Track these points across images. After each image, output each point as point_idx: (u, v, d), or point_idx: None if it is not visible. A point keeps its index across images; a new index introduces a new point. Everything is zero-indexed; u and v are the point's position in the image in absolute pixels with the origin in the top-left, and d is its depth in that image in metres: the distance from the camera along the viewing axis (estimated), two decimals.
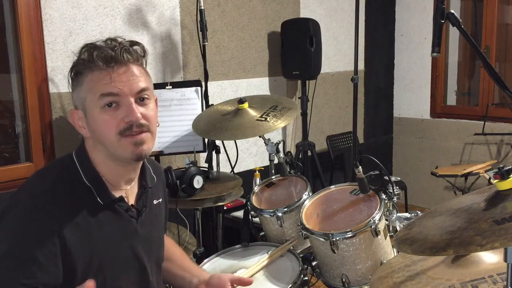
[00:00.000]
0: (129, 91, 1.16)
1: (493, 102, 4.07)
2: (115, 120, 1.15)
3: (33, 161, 2.41)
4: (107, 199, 1.21)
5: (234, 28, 3.32)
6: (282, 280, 1.57)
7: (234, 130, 2.01)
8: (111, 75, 1.14)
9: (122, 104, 1.16)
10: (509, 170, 1.00)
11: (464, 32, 1.44)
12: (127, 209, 1.26)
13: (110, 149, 1.19)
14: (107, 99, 1.15)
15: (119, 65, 1.16)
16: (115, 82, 1.14)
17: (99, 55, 1.14)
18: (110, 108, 1.15)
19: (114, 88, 1.14)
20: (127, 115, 1.15)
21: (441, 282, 1.15)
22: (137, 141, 1.17)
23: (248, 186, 2.41)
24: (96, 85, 1.15)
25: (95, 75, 1.15)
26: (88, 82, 1.16)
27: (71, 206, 1.14)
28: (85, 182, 1.19)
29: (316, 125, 3.98)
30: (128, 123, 1.15)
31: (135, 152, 1.18)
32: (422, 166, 4.56)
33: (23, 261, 1.05)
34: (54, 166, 1.25)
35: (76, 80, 1.19)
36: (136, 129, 1.16)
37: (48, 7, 2.40)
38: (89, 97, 1.17)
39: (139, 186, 1.33)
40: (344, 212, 1.71)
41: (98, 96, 1.15)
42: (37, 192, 1.14)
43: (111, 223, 1.21)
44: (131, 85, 1.16)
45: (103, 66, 1.14)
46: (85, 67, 1.16)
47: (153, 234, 1.36)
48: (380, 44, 4.61)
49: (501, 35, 4.11)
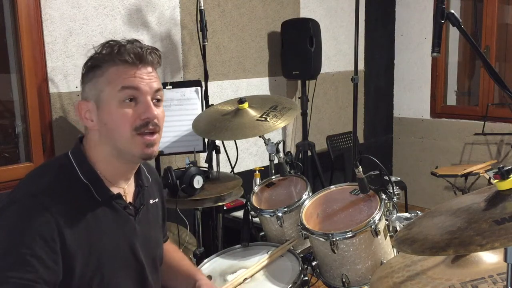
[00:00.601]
0: (149, 89, 1.20)
1: (493, 102, 4.07)
2: (132, 115, 1.18)
3: (33, 161, 2.41)
4: (105, 195, 1.21)
5: (234, 28, 3.32)
6: (282, 280, 1.56)
7: (234, 130, 2.01)
8: (136, 71, 1.18)
9: (140, 101, 1.19)
10: (509, 170, 1.00)
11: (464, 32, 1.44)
12: (125, 207, 1.26)
13: (119, 145, 1.20)
14: (128, 92, 1.17)
15: (144, 63, 1.20)
16: (139, 77, 1.18)
17: (129, 50, 1.18)
18: (129, 103, 1.18)
19: (137, 83, 1.18)
20: (145, 111, 1.18)
21: (441, 282, 1.15)
22: (149, 142, 1.20)
23: (248, 186, 2.41)
24: (119, 78, 1.18)
25: (120, 69, 1.18)
26: (109, 74, 1.18)
27: (69, 203, 1.14)
28: (82, 179, 1.20)
29: (316, 125, 3.99)
30: (144, 120, 1.18)
31: (145, 152, 1.21)
32: (422, 166, 4.56)
33: (23, 257, 1.05)
34: (50, 164, 1.25)
35: (93, 73, 1.21)
36: (151, 127, 1.20)
37: (48, 7, 2.40)
38: (107, 89, 1.18)
39: (136, 185, 1.33)
40: (344, 212, 1.71)
41: (119, 88, 1.17)
42: (34, 190, 1.14)
43: (109, 220, 1.22)
44: (151, 83, 1.20)
45: (131, 61, 1.18)
46: (107, 60, 1.19)
47: (151, 233, 1.37)
48: (380, 44, 4.61)
49: (501, 35, 4.11)
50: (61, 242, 1.10)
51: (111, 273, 1.20)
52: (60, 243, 1.10)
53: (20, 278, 1.03)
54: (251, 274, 1.60)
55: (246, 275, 1.58)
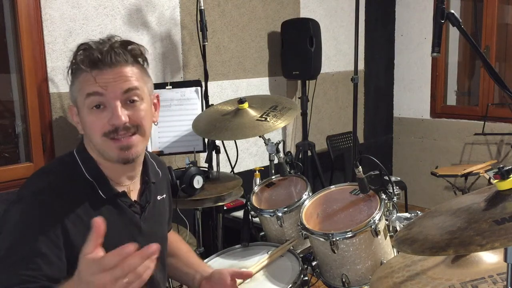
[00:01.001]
0: (114, 92, 1.15)
1: (493, 102, 4.07)
2: (100, 121, 1.16)
3: (33, 161, 2.41)
4: (110, 193, 1.21)
5: (234, 28, 3.32)
6: (282, 280, 1.56)
7: (234, 130, 2.01)
8: (95, 77, 1.15)
9: (108, 106, 1.16)
10: (509, 170, 1.00)
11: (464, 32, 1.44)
12: (130, 205, 1.26)
13: (98, 150, 1.20)
14: (92, 99, 1.16)
15: (105, 67, 1.15)
16: (99, 82, 1.15)
17: (85, 59, 1.15)
18: (97, 110, 1.16)
19: (98, 88, 1.15)
20: (112, 118, 1.15)
21: (441, 282, 1.15)
22: (122, 145, 1.17)
23: (248, 186, 2.41)
24: (83, 85, 1.17)
25: (82, 76, 1.17)
26: (79, 81, 1.18)
27: (73, 201, 1.15)
28: (87, 177, 1.20)
29: (316, 125, 3.99)
30: (112, 126, 1.16)
31: (121, 156, 1.18)
32: (422, 166, 4.56)
33: (27, 254, 1.05)
34: (56, 163, 1.26)
35: (71, 78, 1.21)
36: (122, 132, 1.16)
37: (48, 7, 2.40)
38: (79, 96, 1.19)
39: (142, 182, 1.33)
40: (344, 212, 1.71)
41: (85, 95, 1.16)
42: (39, 188, 1.14)
43: (114, 218, 1.22)
44: (116, 85, 1.15)
45: (87, 69, 1.15)
46: (76, 67, 1.18)
47: (157, 230, 1.36)
48: (380, 44, 4.61)
49: (501, 35, 4.11)
50: (64, 238, 1.10)
51: None
52: (64, 239, 1.10)
53: (23, 275, 1.03)
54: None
55: None
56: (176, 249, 1.54)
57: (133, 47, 1.20)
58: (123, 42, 1.19)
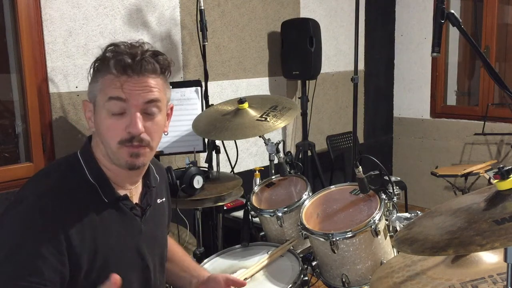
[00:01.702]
0: (136, 101, 1.15)
1: (493, 102, 4.07)
2: (118, 127, 1.16)
3: (33, 161, 2.41)
4: (112, 197, 1.21)
5: (234, 28, 3.32)
6: (282, 280, 1.57)
7: (234, 130, 2.01)
8: (122, 82, 1.14)
9: (128, 114, 1.16)
10: (509, 170, 1.00)
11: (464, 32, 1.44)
12: (132, 208, 1.26)
13: (108, 153, 1.20)
14: (113, 103, 1.15)
15: (134, 74, 1.15)
16: (124, 88, 1.14)
17: (117, 62, 1.14)
18: (116, 115, 1.16)
19: (122, 94, 1.14)
20: (130, 125, 1.15)
21: (441, 282, 1.15)
22: (133, 152, 1.18)
23: (248, 186, 2.41)
24: (108, 87, 1.16)
25: (108, 78, 1.16)
26: (103, 82, 1.17)
27: (76, 204, 1.14)
28: (90, 179, 1.20)
29: (316, 125, 3.98)
30: (129, 134, 1.16)
31: (129, 162, 1.18)
32: (422, 166, 4.56)
33: (29, 258, 1.05)
34: (59, 164, 1.25)
35: (94, 75, 1.20)
36: (136, 143, 1.17)
37: (48, 7, 2.40)
38: (99, 97, 1.18)
39: (143, 185, 1.33)
40: (344, 212, 1.71)
41: (106, 98, 1.15)
42: (42, 190, 1.14)
43: (115, 221, 1.21)
44: (139, 95, 1.16)
45: (117, 73, 1.15)
46: (104, 66, 1.17)
47: (157, 233, 1.36)
48: (380, 44, 4.61)
49: (501, 35, 4.11)
50: (67, 243, 1.09)
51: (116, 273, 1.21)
52: (66, 244, 1.09)
53: (26, 281, 1.02)
54: (251, 274, 1.60)
55: (246, 275, 1.58)
56: (172, 253, 1.53)
57: (163, 58, 1.20)
58: (154, 52, 1.20)
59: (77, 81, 2.53)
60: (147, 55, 1.17)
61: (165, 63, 1.21)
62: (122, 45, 1.17)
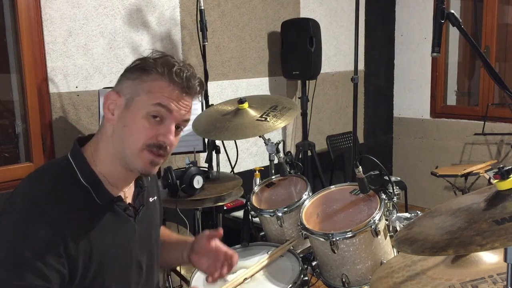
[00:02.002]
0: (179, 116, 1.21)
1: (493, 102, 4.07)
2: (151, 131, 1.18)
3: (33, 161, 2.41)
4: (106, 199, 1.21)
5: (234, 28, 3.32)
6: (282, 280, 1.56)
7: (234, 130, 2.01)
8: (179, 97, 1.20)
9: (165, 123, 1.19)
10: (509, 170, 1.00)
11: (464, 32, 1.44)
12: (125, 208, 1.26)
13: (127, 151, 1.19)
14: (160, 110, 1.18)
15: (189, 93, 1.22)
16: (177, 103, 1.19)
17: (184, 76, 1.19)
18: (154, 120, 1.18)
19: (172, 106, 1.18)
20: (164, 134, 1.19)
21: (441, 282, 1.15)
22: (155, 161, 1.21)
23: (248, 186, 2.41)
24: (160, 94, 1.18)
25: (162, 85, 1.18)
26: (154, 85, 1.18)
27: (69, 207, 1.14)
28: (83, 182, 1.19)
29: (316, 125, 3.98)
30: (159, 141, 1.19)
31: (146, 169, 1.21)
32: (422, 166, 4.56)
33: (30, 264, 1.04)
34: (50, 167, 1.24)
35: (139, 74, 1.20)
36: (162, 151, 1.20)
37: (48, 7, 2.40)
38: (144, 97, 1.18)
39: (135, 185, 1.33)
40: (344, 212, 1.71)
41: (155, 102, 1.17)
42: (33, 195, 1.12)
43: (109, 223, 1.21)
44: (184, 113, 1.22)
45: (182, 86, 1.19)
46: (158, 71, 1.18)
47: (151, 232, 1.36)
48: (380, 44, 4.61)
49: (501, 35, 4.11)
50: (64, 245, 1.09)
51: (111, 275, 1.20)
52: (63, 246, 1.09)
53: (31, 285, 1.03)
54: (251, 274, 1.60)
55: (246, 275, 1.58)
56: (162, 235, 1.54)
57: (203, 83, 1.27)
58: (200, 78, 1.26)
59: (77, 81, 2.53)
60: (199, 79, 1.24)
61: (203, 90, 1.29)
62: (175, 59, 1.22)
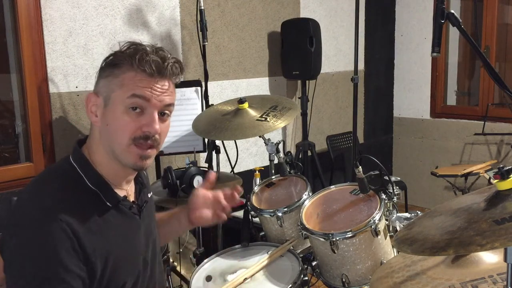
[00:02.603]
0: (159, 103, 1.18)
1: (493, 102, 4.07)
2: (134, 125, 1.16)
3: (33, 161, 2.41)
4: (114, 200, 1.21)
5: (234, 28, 3.32)
6: (282, 280, 1.56)
7: (234, 130, 2.01)
8: (152, 83, 1.16)
9: (146, 113, 1.17)
10: (509, 170, 1.00)
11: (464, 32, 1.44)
12: (130, 207, 1.27)
13: (115, 149, 1.18)
14: (136, 101, 1.15)
15: (163, 76, 1.18)
16: (151, 89, 1.16)
17: (151, 60, 1.15)
18: (134, 112, 1.16)
19: (147, 93, 1.15)
20: (148, 125, 1.16)
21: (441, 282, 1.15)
22: (144, 155, 1.18)
23: (248, 186, 2.41)
24: (133, 84, 1.15)
25: (136, 76, 1.15)
26: (125, 78, 1.16)
27: (80, 213, 1.13)
28: (90, 186, 1.18)
29: (316, 125, 3.98)
30: (145, 132, 1.16)
31: (137, 164, 1.19)
32: (422, 166, 4.56)
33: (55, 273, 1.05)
34: (55, 173, 1.22)
35: (111, 70, 1.18)
36: (150, 142, 1.18)
37: (48, 7, 2.40)
38: (119, 92, 1.16)
39: (135, 183, 1.34)
40: (344, 212, 1.71)
41: (129, 94, 1.15)
42: (46, 203, 1.11)
43: (119, 223, 1.22)
44: (161, 97, 1.18)
45: (149, 71, 1.15)
46: (127, 63, 1.16)
47: (152, 228, 1.38)
48: (380, 44, 4.61)
49: (501, 35, 4.11)
50: (82, 251, 1.10)
51: (125, 273, 1.22)
52: (82, 252, 1.10)
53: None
54: (251, 274, 1.60)
55: (246, 275, 1.58)
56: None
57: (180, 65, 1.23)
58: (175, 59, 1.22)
59: (77, 81, 2.53)
60: (171, 60, 1.19)
61: (183, 70, 1.24)
62: (145, 46, 1.18)
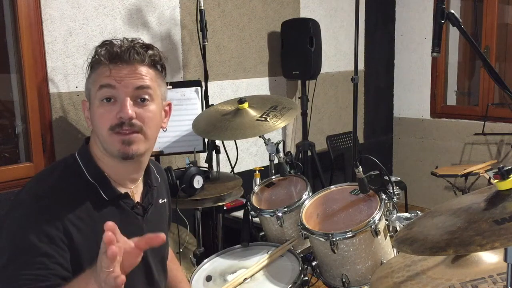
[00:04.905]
0: (126, 87, 1.17)
1: (493, 102, 4.07)
2: (109, 115, 1.17)
3: (33, 161, 2.41)
4: (112, 194, 1.21)
5: (234, 28, 3.31)
6: (282, 280, 1.57)
7: (234, 130, 2.01)
8: (111, 70, 1.18)
9: (118, 100, 1.18)
10: (509, 170, 1.00)
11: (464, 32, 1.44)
12: (133, 206, 1.26)
13: (102, 143, 1.20)
14: (104, 91, 1.17)
15: (123, 62, 1.18)
16: (114, 76, 1.17)
17: (105, 52, 1.18)
18: (107, 103, 1.18)
19: (111, 81, 1.17)
20: (119, 111, 1.16)
21: (441, 282, 1.15)
22: (124, 139, 1.17)
23: (248, 186, 2.41)
24: (98, 78, 1.19)
25: (99, 70, 1.19)
26: (94, 75, 1.21)
27: (74, 203, 1.15)
28: (89, 179, 1.20)
29: (316, 125, 3.98)
30: (119, 119, 1.17)
31: (121, 150, 1.18)
32: (422, 166, 4.56)
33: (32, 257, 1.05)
34: (57, 165, 1.25)
35: (89, 72, 1.24)
36: (127, 127, 1.17)
37: (48, 7, 2.40)
38: (92, 89, 1.20)
39: (144, 184, 1.34)
40: (344, 212, 1.71)
41: (98, 87, 1.18)
42: (40, 192, 1.14)
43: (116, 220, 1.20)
44: (129, 81, 1.18)
45: (106, 61, 1.18)
46: (95, 61, 1.21)
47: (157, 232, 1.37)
48: (380, 44, 4.61)
49: (501, 35, 4.11)
50: (68, 241, 1.10)
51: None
52: (68, 242, 1.10)
53: (31, 275, 1.03)
54: (251, 274, 1.60)
55: (246, 275, 1.58)
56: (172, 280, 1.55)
57: (154, 52, 1.23)
58: (145, 45, 1.23)
59: (77, 81, 2.53)
60: (137, 46, 1.21)
61: (156, 57, 1.24)
62: (114, 40, 1.22)
